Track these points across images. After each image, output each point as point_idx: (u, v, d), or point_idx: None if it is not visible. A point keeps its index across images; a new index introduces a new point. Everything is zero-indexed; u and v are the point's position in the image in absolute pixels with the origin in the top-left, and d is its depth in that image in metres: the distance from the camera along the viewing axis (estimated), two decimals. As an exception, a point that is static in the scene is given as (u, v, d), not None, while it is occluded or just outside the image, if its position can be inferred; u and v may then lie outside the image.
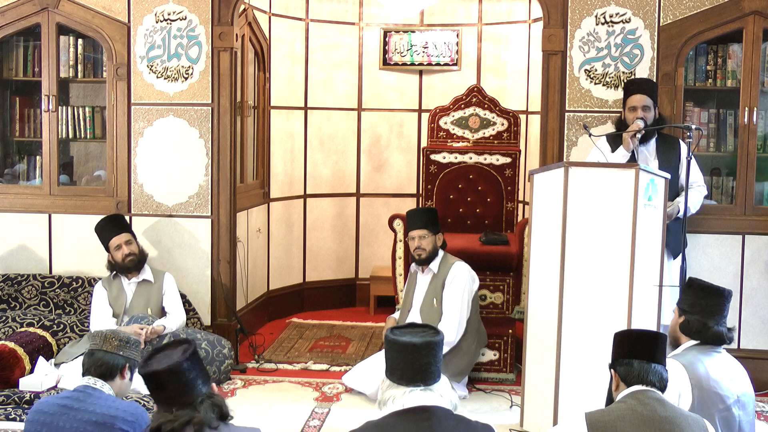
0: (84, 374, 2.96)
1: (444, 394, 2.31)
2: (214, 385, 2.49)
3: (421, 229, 4.87)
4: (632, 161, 4.51)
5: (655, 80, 4.90)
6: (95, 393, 2.87)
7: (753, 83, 4.86)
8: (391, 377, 2.34)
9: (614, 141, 4.55)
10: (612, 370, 2.66)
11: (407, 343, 2.31)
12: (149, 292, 4.91)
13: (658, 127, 4.55)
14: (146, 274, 4.93)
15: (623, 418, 2.46)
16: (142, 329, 4.57)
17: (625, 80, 4.93)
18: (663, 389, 2.58)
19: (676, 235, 4.41)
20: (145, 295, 4.89)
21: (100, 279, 5.09)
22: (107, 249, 4.89)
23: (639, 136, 4.44)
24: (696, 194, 4.60)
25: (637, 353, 2.61)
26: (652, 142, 4.60)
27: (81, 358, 4.59)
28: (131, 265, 4.86)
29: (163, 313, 4.92)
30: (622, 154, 4.45)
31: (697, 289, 3.19)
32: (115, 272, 4.91)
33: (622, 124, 4.60)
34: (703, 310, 3.09)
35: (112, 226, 4.93)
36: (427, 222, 4.89)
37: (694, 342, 3.10)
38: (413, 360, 2.30)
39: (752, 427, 3.02)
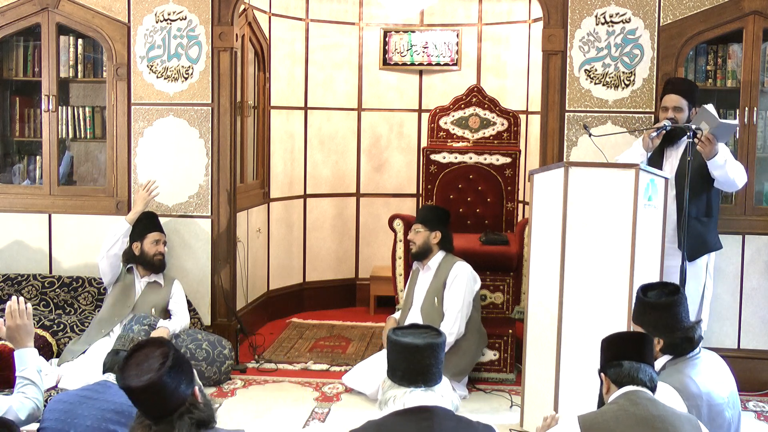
0: (105, 372, 2.99)
1: (445, 394, 2.32)
2: (197, 388, 2.34)
3: (416, 224, 4.99)
4: (658, 161, 4.49)
5: (655, 80, 4.90)
6: (114, 387, 2.89)
7: (753, 83, 4.86)
8: (393, 377, 2.34)
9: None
10: (602, 374, 2.67)
11: (409, 344, 2.31)
12: (157, 294, 4.98)
13: (663, 127, 4.48)
14: (158, 277, 5.02)
15: (617, 418, 2.47)
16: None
17: (626, 80, 4.94)
18: (653, 389, 2.58)
19: (698, 237, 4.39)
20: (153, 296, 4.95)
21: (100, 279, 5.11)
22: (139, 239, 4.96)
23: (656, 134, 4.37)
24: (738, 164, 4.46)
25: (625, 354, 2.62)
26: (683, 144, 4.49)
27: (83, 357, 4.65)
28: (157, 263, 4.97)
29: (166, 315, 4.96)
30: (639, 152, 4.43)
31: (662, 310, 3.00)
32: (129, 266, 5.00)
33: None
34: (680, 326, 2.97)
35: (154, 222, 5.07)
36: (424, 218, 4.98)
37: (669, 356, 3.01)
38: (415, 361, 2.30)
39: (739, 420, 3.02)
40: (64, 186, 5.55)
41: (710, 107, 4.30)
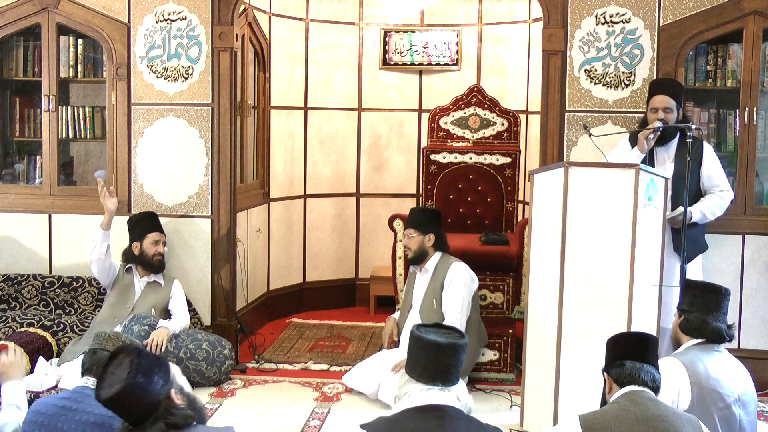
0: (83, 374, 2.95)
1: (459, 396, 2.33)
2: (173, 391, 2.35)
3: (408, 229, 4.95)
4: (649, 162, 4.50)
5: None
6: (93, 394, 2.85)
7: (753, 83, 4.86)
8: (411, 373, 2.35)
9: (637, 141, 4.53)
10: (605, 374, 2.68)
11: (431, 341, 2.32)
12: (157, 294, 4.97)
13: (664, 127, 4.48)
14: (158, 277, 5.02)
15: (617, 418, 2.48)
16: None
17: (626, 80, 4.93)
18: (656, 390, 2.60)
19: (693, 240, 4.41)
20: (153, 296, 4.95)
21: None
22: (139, 239, 4.95)
23: (652, 136, 4.40)
24: (716, 199, 4.52)
25: (628, 355, 2.64)
26: (673, 144, 4.52)
27: (83, 357, 4.64)
28: (157, 263, 4.97)
29: (166, 315, 4.96)
30: (635, 155, 4.42)
31: (695, 288, 3.23)
32: (128, 266, 5.00)
33: (644, 125, 4.56)
34: (701, 307, 3.12)
35: (154, 222, 5.06)
36: (416, 222, 4.94)
37: (694, 341, 3.12)
38: (435, 359, 2.31)
39: (753, 427, 3.02)
40: (64, 186, 5.55)
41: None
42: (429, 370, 2.31)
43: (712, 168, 4.52)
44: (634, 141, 4.52)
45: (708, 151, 4.54)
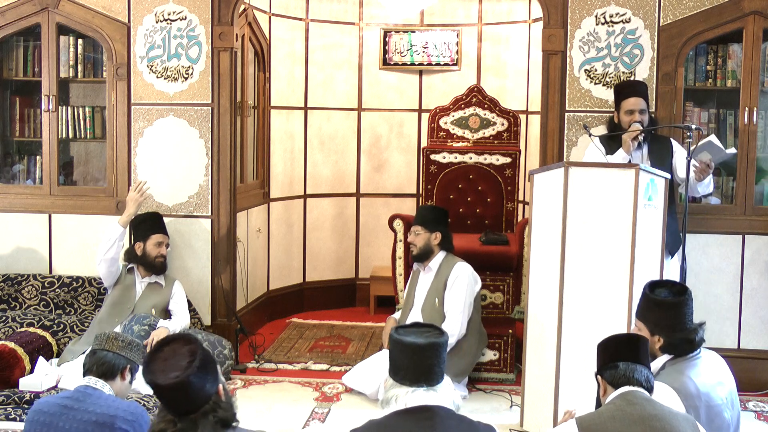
0: (85, 374, 2.96)
1: (447, 394, 2.32)
2: (221, 386, 2.32)
3: (416, 225, 4.96)
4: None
5: (655, 80, 4.90)
6: (95, 393, 2.88)
7: (753, 83, 4.86)
8: (395, 376, 2.34)
9: (608, 143, 4.52)
10: (598, 377, 2.67)
11: (411, 343, 2.31)
12: (158, 294, 4.97)
13: (659, 126, 4.53)
14: (159, 277, 5.02)
15: (613, 418, 2.48)
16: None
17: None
18: (650, 390, 2.59)
19: (673, 234, 4.41)
20: (153, 296, 4.95)
21: (100, 279, 5.10)
22: (142, 239, 4.95)
23: (642, 137, 4.42)
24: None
25: (621, 356, 2.63)
26: (645, 146, 4.54)
27: (83, 356, 4.64)
28: (159, 265, 4.96)
29: (167, 315, 4.95)
30: (621, 156, 4.41)
31: (668, 309, 3.01)
32: (130, 266, 5.00)
33: (615, 127, 4.55)
34: (681, 327, 2.97)
35: (159, 224, 5.06)
36: (424, 219, 4.96)
37: (669, 356, 3.01)
38: (417, 360, 2.30)
39: (738, 420, 3.02)
40: (64, 186, 5.55)
41: (715, 139, 4.31)
42: (412, 372, 2.30)
43: (685, 161, 4.50)
44: (607, 145, 4.48)
45: (677, 146, 4.56)
